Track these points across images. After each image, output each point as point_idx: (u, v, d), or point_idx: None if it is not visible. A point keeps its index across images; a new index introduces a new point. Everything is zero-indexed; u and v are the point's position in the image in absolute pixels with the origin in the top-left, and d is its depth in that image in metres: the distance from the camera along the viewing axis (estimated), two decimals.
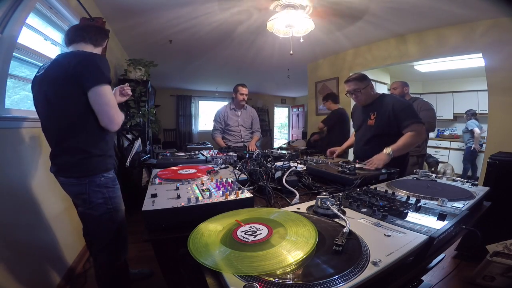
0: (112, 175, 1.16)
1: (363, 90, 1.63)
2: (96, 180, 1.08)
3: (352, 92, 1.67)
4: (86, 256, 1.83)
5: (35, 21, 1.61)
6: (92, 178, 1.08)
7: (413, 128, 1.48)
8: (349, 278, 0.42)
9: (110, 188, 1.13)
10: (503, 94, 2.33)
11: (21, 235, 1.25)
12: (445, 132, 5.41)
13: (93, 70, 1.00)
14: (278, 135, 9.25)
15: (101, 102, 1.02)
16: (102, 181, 1.10)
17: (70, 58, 1.01)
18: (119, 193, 1.19)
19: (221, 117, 2.62)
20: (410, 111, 1.53)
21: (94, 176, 1.08)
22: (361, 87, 1.63)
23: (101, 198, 1.10)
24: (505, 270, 1.48)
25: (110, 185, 1.14)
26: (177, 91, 7.09)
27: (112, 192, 1.14)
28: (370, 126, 1.65)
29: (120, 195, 1.20)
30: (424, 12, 2.37)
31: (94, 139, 1.08)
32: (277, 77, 5.37)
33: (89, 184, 1.07)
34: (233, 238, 0.55)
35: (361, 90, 1.63)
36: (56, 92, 1.01)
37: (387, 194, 0.87)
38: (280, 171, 1.17)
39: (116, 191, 1.18)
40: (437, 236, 0.57)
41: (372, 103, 1.67)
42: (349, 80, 1.67)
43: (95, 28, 1.21)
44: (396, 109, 1.53)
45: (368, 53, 3.46)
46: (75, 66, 0.98)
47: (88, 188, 1.07)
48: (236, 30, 2.86)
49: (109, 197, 1.12)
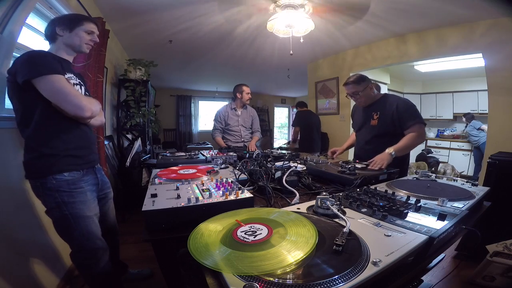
0: (70, 178, 1.05)
1: (361, 92, 1.62)
2: (47, 183, 1.00)
3: (351, 95, 1.67)
4: None
5: (35, 21, 1.61)
6: (42, 180, 1.00)
7: (415, 128, 1.48)
8: (349, 278, 0.42)
9: (64, 192, 1.03)
10: (503, 94, 2.33)
11: (21, 235, 1.25)
12: (445, 132, 5.42)
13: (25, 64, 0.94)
14: (278, 135, 9.25)
15: (52, 91, 0.95)
16: (53, 184, 1.01)
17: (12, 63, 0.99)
18: (81, 198, 1.07)
19: (221, 116, 2.62)
20: (413, 112, 1.53)
21: (43, 178, 1.00)
22: (359, 89, 1.62)
23: (53, 203, 1.02)
24: (505, 270, 1.48)
25: (65, 189, 1.03)
26: (177, 91, 7.09)
27: (68, 197, 1.03)
28: (373, 126, 1.64)
29: (83, 200, 1.08)
30: (424, 12, 2.37)
31: (42, 137, 1.01)
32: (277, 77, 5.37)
33: (41, 186, 1.01)
34: (233, 238, 0.55)
35: (359, 92, 1.62)
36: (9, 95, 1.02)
37: (387, 194, 0.87)
38: (280, 171, 1.17)
39: (77, 196, 1.05)
40: (437, 236, 0.57)
41: (374, 103, 1.66)
42: (347, 83, 1.66)
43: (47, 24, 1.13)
44: (401, 109, 1.53)
45: (368, 53, 3.46)
46: (12, 67, 0.97)
47: (42, 191, 1.02)
48: (236, 30, 2.86)
49: (63, 202, 1.02)
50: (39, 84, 0.94)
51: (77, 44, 1.13)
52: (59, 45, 1.11)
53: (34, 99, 0.96)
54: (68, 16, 1.17)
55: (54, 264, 1.48)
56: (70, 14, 1.19)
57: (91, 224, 1.10)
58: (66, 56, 1.13)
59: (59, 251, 1.53)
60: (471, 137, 4.52)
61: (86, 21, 1.15)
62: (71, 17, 1.15)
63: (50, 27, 1.10)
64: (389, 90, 4.81)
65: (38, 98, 0.96)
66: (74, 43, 1.12)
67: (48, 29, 1.11)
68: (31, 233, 1.33)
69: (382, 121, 1.60)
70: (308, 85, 4.60)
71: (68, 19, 1.13)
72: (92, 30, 1.16)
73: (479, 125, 4.36)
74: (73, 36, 1.11)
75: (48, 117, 1.00)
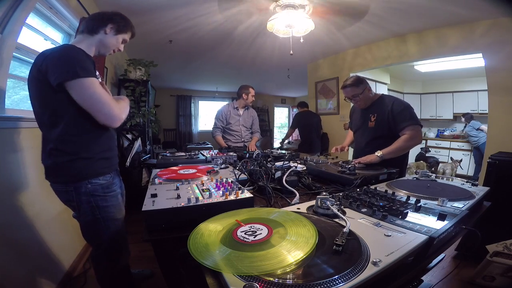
0: (104, 181, 1.02)
1: (361, 95, 1.60)
2: (81, 187, 0.96)
3: (351, 98, 1.64)
4: (86, 256, 1.83)
5: (35, 21, 1.61)
6: (76, 184, 0.96)
7: (408, 131, 1.45)
8: (349, 278, 0.42)
9: (99, 196, 1.00)
10: (503, 94, 2.33)
11: (20, 235, 1.25)
12: (445, 132, 5.42)
13: (59, 64, 0.87)
14: (278, 135, 9.25)
15: (84, 98, 0.89)
16: (89, 188, 0.97)
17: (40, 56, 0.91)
18: (113, 202, 1.05)
19: (223, 115, 2.62)
20: (407, 113, 1.49)
21: (78, 182, 0.96)
22: (358, 92, 1.60)
23: (87, 208, 0.99)
24: (505, 270, 1.48)
25: (100, 193, 1.00)
26: (177, 91, 7.09)
27: (102, 201, 1.01)
28: (371, 128, 1.63)
29: (115, 204, 1.07)
30: (424, 12, 2.37)
31: (78, 139, 0.95)
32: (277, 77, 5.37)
33: (75, 191, 0.96)
34: (233, 238, 0.55)
35: (359, 95, 1.60)
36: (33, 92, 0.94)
37: (387, 194, 0.87)
38: (280, 171, 1.17)
39: (109, 200, 1.03)
40: (437, 236, 0.57)
41: (371, 105, 1.65)
42: (346, 86, 1.63)
43: (94, 15, 1.09)
44: (395, 110, 1.51)
45: (368, 53, 3.46)
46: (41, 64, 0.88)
47: (75, 196, 0.97)
48: (236, 30, 2.85)
49: (97, 206, 1.00)
50: (72, 87, 0.88)
51: (109, 48, 1.09)
52: (93, 41, 1.05)
53: (68, 100, 0.90)
54: (124, 18, 1.12)
55: (54, 265, 1.48)
56: (124, 17, 1.13)
57: (120, 226, 1.10)
58: (93, 53, 1.08)
59: (59, 251, 1.53)
60: (470, 137, 4.52)
61: (131, 29, 1.13)
62: (127, 21, 1.12)
63: (101, 20, 1.05)
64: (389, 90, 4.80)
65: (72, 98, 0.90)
66: (108, 46, 1.08)
67: (96, 21, 1.04)
68: (31, 233, 1.33)
69: (379, 123, 1.58)
70: (308, 85, 4.60)
71: (124, 21, 1.10)
72: (127, 40, 1.14)
73: (478, 125, 4.35)
74: (113, 39, 1.08)
75: (84, 118, 0.93)
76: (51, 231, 1.49)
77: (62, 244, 1.58)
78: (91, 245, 1.14)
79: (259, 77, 5.58)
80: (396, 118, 1.50)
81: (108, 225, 1.04)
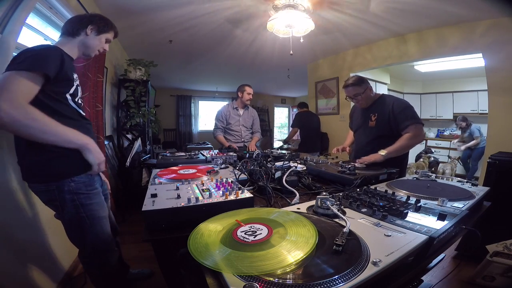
0: (86, 179, 1.00)
1: (362, 94, 1.62)
2: (64, 186, 0.94)
3: (353, 97, 1.66)
4: None
5: (35, 21, 1.61)
6: (59, 183, 0.93)
7: (410, 129, 1.47)
8: (349, 278, 0.42)
9: (83, 194, 0.98)
10: (503, 94, 2.33)
11: (21, 235, 1.25)
12: (445, 132, 5.41)
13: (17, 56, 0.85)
14: (278, 135, 9.25)
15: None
16: (72, 186, 0.95)
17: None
18: (97, 199, 1.04)
19: (223, 115, 2.63)
20: (409, 112, 1.51)
21: (60, 181, 0.94)
22: (360, 91, 1.62)
23: (71, 206, 0.96)
24: (505, 270, 1.48)
25: (83, 191, 0.98)
26: (177, 91, 7.10)
27: (86, 199, 0.99)
28: (371, 127, 1.64)
29: (99, 201, 1.05)
30: (424, 12, 2.37)
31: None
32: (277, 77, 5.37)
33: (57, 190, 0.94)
34: (233, 238, 0.55)
35: (361, 94, 1.62)
36: None
37: (387, 194, 0.87)
38: (280, 171, 1.17)
39: (93, 197, 1.02)
40: (437, 236, 0.57)
41: (372, 104, 1.67)
42: (348, 86, 1.65)
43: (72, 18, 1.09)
44: (396, 109, 1.53)
45: (368, 53, 3.46)
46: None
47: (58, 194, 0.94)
48: (236, 30, 2.86)
49: (81, 204, 0.98)
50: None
51: (92, 48, 1.09)
52: (75, 43, 1.05)
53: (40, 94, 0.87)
54: (104, 18, 1.12)
55: (53, 265, 1.48)
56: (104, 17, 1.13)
57: (106, 224, 1.09)
58: (76, 54, 1.08)
59: (59, 252, 1.53)
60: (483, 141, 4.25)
61: (112, 29, 1.13)
62: (106, 21, 1.12)
63: (79, 23, 1.05)
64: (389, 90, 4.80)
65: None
66: (91, 47, 1.08)
67: (75, 24, 1.05)
68: (30, 233, 1.33)
69: (380, 122, 1.60)
70: (308, 85, 4.60)
71: (103, 22, 1.10)
72: (111, 40, 1.14)
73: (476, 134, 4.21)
74: (96, 40, 1.08)
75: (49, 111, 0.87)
76: (51, 231, 1.48)
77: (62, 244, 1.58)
78: (77, 247, 1.12)
79: (259, 77, 5.59)
80: (397, 117, 1.51)
81: (93, 223, 1.03)
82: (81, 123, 1.04)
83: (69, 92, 0.99)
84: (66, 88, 0.98)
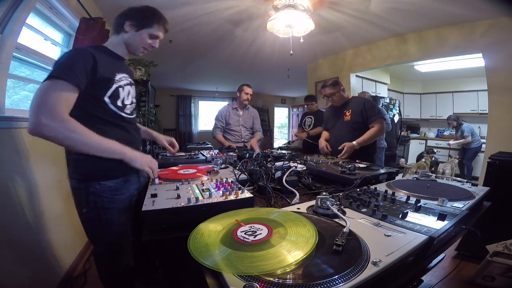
0: (113, 184, 0.98)
1: (337, 93, 1.98)
2: (90, 187, 0.94)
3: (329, 95, 2.00)
4: (86, 256, 1.83)
5: (35, 21, 1.61)
6: (87, 183, 0.94)
7: (376, 123, 1.86)
8: (349, 278, 0.42)
9: (106, 198, 0.97)
10: (503, 94, 2.33)
11: (20, 235, 1.25)
12: (445, 132, 5.42)
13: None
14: (278, 135, 9.25)
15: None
16: (97, 189, 0.95)
17: None
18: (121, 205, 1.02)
19: (223, 115, 2.63)
20: (376, 109, 1.94)
21: (87, 181, 0.94)
22: (335, 91, 1.97)
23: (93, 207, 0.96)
24: (505, 270, 1.48)
25: (107, 195, 0.97)
26: (177, 91, 7.10)
27: (109, 203, 0.98)
28: (347, 121, 1.98)
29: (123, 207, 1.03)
30: (424, 12, 2.37)
31: None
32: (277, 77, 5.37)
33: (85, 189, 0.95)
34: (233, 238, 0.55)
35: (335, 93, 1.98)
36: None
37: (387, 194, 0.87)
38: (280, 171, 1.17)
39: (117, 202, 1.00)
40: (437, 236, 0.57)
41: (345, 103, 2.03)
42: (326, 86, 2.01)
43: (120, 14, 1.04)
44: (367, 106, 1.91)
45: (368, 53, 3.46)
46: None
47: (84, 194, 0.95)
48: (236, 30, 2.85)
49: (102, 207, 0.97)
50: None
51: (135, 46, 1.04)
52: (118, 40, 1.03)
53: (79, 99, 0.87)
54: (144, 12, 1.04)
55: (54, 264, 1.48)
56: (145, 10, 1.05)
57: (124, 229, 1.06)
58: (122, 52, 1.04)
59: (60, 251, 1.53)
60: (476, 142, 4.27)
61: (157, 24, 1.05)
62: (148, 14, 1.03)
63: (119, 18, 1.02)
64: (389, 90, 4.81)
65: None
66: (133, 44, 1.04)
67: (116, 19, 1.02)
68: (31, 233, 1.33)
69: (354, 116, 1.95)
70: (308, 85, 4.60)
71: (142, 16, 1.02)
72: (158, 36, 1.07)
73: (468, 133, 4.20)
74: (136, 36, 1.02)
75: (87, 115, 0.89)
76: (52, 231, 1.49)
77: (62, 244, 1.58)
78: (92, 243, 1.12)
79: (259, 77, 5.59)
80: (367, 112, 1.89)
81: (113, 227, 1.01)
82: (122, 127, 1.02)
83: (106, 95, 0.94)
84: (103, 90, 0.94)
